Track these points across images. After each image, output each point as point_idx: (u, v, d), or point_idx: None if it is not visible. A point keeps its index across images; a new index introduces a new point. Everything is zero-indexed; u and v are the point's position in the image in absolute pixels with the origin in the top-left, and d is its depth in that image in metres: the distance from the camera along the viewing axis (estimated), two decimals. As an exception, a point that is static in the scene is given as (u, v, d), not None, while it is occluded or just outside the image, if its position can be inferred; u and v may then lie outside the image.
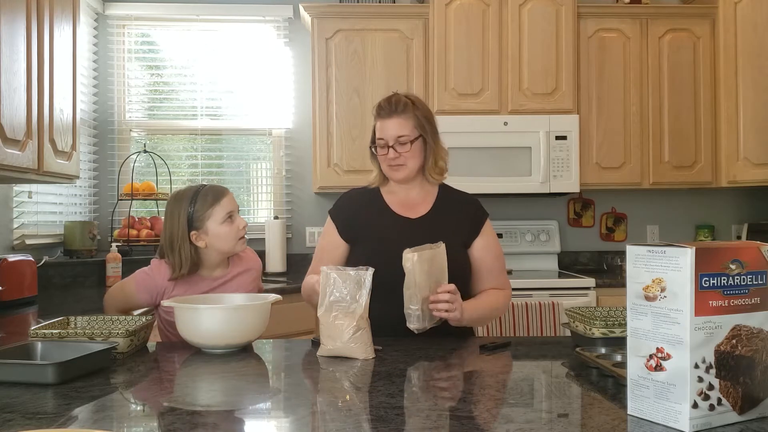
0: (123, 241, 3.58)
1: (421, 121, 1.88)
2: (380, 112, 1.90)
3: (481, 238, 1.94)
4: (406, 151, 1.86)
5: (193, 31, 4.00)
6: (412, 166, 1.89)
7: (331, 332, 1.55)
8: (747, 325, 1.00)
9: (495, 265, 1.96)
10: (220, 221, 1.93)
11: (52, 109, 2.56)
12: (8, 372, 1.32)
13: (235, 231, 1.95)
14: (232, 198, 2.00)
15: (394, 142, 1.86)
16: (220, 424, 1.06)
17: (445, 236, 1.79)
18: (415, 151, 1.88)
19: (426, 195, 1.96)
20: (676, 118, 3.72)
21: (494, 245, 1.97)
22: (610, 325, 1.55)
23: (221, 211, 1.93)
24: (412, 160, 1.88)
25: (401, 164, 1.88)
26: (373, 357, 1.54)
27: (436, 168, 1.92)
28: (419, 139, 1.88)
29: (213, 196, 1.95)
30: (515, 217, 3.97)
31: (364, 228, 1.92)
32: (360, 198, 1.99)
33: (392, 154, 1.87)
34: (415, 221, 1.91)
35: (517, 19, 3.62)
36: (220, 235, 1.93)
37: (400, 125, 1.87)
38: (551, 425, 1.04)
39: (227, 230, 1.94)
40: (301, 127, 3.97)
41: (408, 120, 1.87)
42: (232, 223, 1.95)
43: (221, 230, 1.93)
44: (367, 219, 1.93)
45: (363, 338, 1.54)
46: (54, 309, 2.54)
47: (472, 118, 3.57)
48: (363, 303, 1.55)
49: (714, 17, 3.73)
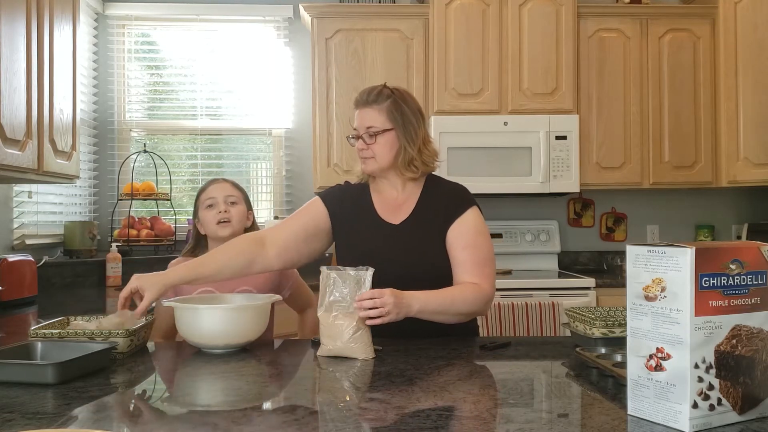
0: (123, 241, 3.58)
1: (395, 114, 1.79)
2: (357, 102, 1.84)
3: (455, 224, 1.80)
4: (373, 143, 1.79)
5: (193, 31, 4.01)
6: (381, 160, 1.80)
7: (331, 332, 1.54)
8: (747, 325, 1.00)
9: (464, 256, 1.78)
10: (204, 207, 2.09)
11: (52, 109, 2.56)
12: (8, 372, 1.32)
13: (212, 217, 2.06)
14: (220, 187, 2.12)
15: (364, 133, 1.80)
16: (220, 424, 1.06)
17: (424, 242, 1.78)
18: (385, 144, 1.79)
19: (410, 194, 1.86)
20: (676, 118, 3.72)
21: (467, 234, 1.80)
22: (610, 325, 1.55)
23: (204, 197, 2.10)
24: (382, 154, 1.79)
25: (370, 157, 1.81)
26: (374, 357, 1.54)
27: (410, 167, 1.81)
28: (389, 132, 1.79)
29: (204, 186, 2.15)
30: (515, 217, 3.97)
31: (347, 222, 1.86)
32: (351, 194, 1.92)
33: (360, 144, 1.81)
34: (396, 227, 1.83)
35: (517, 19, 3.62)
36: (204, 220, 2.09)
37: (372, 116, 1.79)
38: (551, 425, 1.04)
39: (208, 216, 2.07)
40: (301, 127, 3.97)
41: (380, 112, 1.79)
42: (213, 208, 2.07)
43: (204, 216, 2.09)
44: (351, 215, 1.86)
45: (363, 338, 1.54)
46: (54, 309, 2.54)
47: (472, 118, 3.57)
48: None
49: (714, 17, 3.73)
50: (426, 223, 1.83)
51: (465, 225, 1.81)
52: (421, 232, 1.81)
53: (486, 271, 1.79)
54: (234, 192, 2.10)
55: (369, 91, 1.83)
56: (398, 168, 1.82)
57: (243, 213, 2.10)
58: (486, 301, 1.76)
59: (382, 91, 1.82)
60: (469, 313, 1.77)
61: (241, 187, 2.16)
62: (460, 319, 1.76)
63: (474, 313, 1.78)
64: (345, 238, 1.87)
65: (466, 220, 1.81)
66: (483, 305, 1.76)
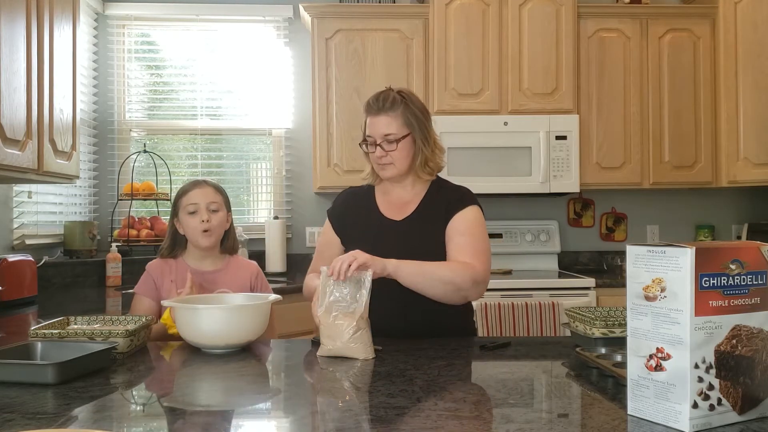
0: (123, 241, 3.58)
1: (410, 118, 1.83)
2: (369, 109, 1.86)
3: (455, 217, 1.84)
4: (392, 150, 1.83)
5: (193, 31, 4.00)
6: (401, 165, 1.85)
7: (331, 332, 1.55)
8: (747, 325, 1.00)
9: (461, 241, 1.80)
10: (186, 212, 2.03)
11: (52, 109, 2.56)
12: (8, 372, 1.32)
13: (195, 224, 2.02)
14: (202, 192, 2.05)
15: (381, 140, 1.83)
16: (220, 424, 1.06)
17: (427, 237, 1.80)
18: (403, 149, 1.83)
19: (415, 194, 1.91)
20: (676, 118, 3.72)
21: (465, 224, 1.83)
22: (610, 325, 1.55)
23: (186, 203, 2.04)
24: (401, 159, 1.84)
25: (389, 163, 1.84)
26: (374, 357, 1.54)
27: (426, 168, 1.87)
28: (408, 137, 1.84)
29: (186, 188, 2.08)
30: (515, 217, 3.97)
31: (352, 228, 1.91)
32: (353, 198, 1.98)
33: (380, 152, 1.84)
34: (399, 223, 1.87)
35: (517, 19, 3.62)
36: (186, 225, 2.04)
37: (388, 123, 1.82)
38: (551, 425, 1.04)
39: (191, 223, 2.03)
40: (301, 127, 3.96)
41: (396, 118, 1.82)
42: (196, 215, 2.02)
43: (187, 221, 2.04)
44: (356, 220, 1.92)
45: (363, 338, 1.54)
46: (54, 309, 2.54)
47: (472, 118, 3.57)
48: (363, 303, 1.55)
49: (714, 17, 3.73)
50: (428, 219, 1.86)
51: (464, 217, 1.84)
52: (423, 228, 1.84)
53: (481, 258, 1.79)
54: (216, 198, 2.06)
55: (379, 98, 1.85)
56: (415, 170, 1.87)
57: (224, 219, 2.07)
58: (475, 278, 1.74)
59: (392, 97, 1.84)
60: (455, 285, 1.72)
61: (223, 190, 2.12)
62: (447, 292, 1.72)
63: (461, 287, 1.73)
64: (351, 239, 1.90)
65: (465, 214, 1.85)
66: (471, 282, 1.73)
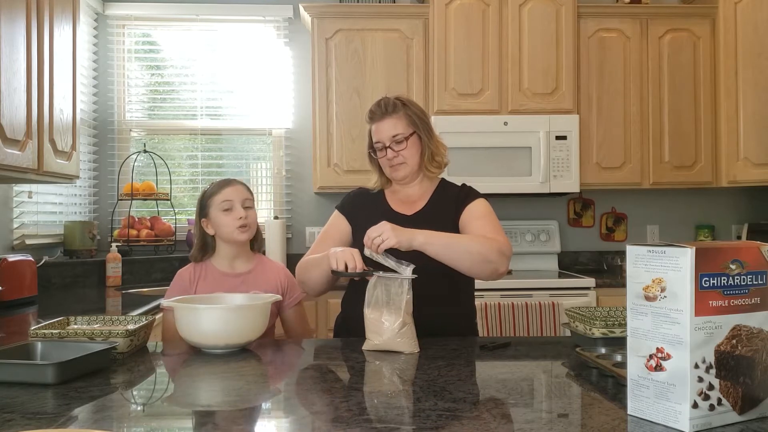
0: (123, 241, 3.58)
1: (413, 118, 1.94)
2: (373, 116, 1.97)
3: (466, 209, 1.93)
4: (403, 149, 1.92)
5: (193, 31, 4.00)
6: (412, 163, 1.94)
7: (378, 328, 1.61)
8: (747, 325, 1.00)
9: (480, 223, 1.89)
10: (220, 210, 2.05)
11: (52, 109, 2.56)
12: (8, 372, 1.32)
13: (232, 219, 2.04)
14: (236, 190, 2.08)
15: (390, 142, 1.93)
16: (220, 424, 1.06)
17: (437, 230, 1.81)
18: (412, 147, 1.94)
19: (425, 191, 2.01)
20: (676, 118, 3.72)
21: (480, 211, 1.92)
22: (610, 325, 1.55)
23: (220, 199, 2.05)
24: (411, 157, 1.94)
25: (401, 162, 1.94)
26: (419, 351, 1.60)
27: (434, 162, 1.97)
28: (414, 135, 1.94)
29: (217, 186, 2.10)
30: (515, 217, 3.97)
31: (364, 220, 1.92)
32: (363, 196, 2.07)
33: (390, 153, 1.94)
34: (410, 218, 1.94)
35: (517, 19, 3.62)
36: (220, 222, 2.05)
37: (394, 125, 1.93)
38: (551, 425, 1.04)
39: (225, 218, 2.04)
40: (301, 127, 3.97)
41: (400, 119, 1.93)
42: (231, 212, 2.04)
43: (220, 218, 2.05)
44: (367, 213, 1.95)
45: (408, 333, 1.61)
46: (54, 309, 2.54)
47: (472, 118, 3.57)
48: (406, 299, 1.61)
49: (714, 17, 3.73)
50: (438, 214, 1.95)
51: (477, 206, 1.94)
52: (433, 222, 1.87)
53: (502, 234, 1.87)
54: (249, 195, 2.11)
55: (380, 104, 1.97)
56: (425, 166, 1.96)
57: (255, 217, 2.13)
58: (500, 250, 1.77)
59: (392, 101, 1.96)
60: (483, 255, 1.75)
61: (251, 190, 2.18)
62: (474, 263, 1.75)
63: (489, 258, 1.76)
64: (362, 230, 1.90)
65: (477, 204, 1.94)
66: (497, 253, 1.76)
